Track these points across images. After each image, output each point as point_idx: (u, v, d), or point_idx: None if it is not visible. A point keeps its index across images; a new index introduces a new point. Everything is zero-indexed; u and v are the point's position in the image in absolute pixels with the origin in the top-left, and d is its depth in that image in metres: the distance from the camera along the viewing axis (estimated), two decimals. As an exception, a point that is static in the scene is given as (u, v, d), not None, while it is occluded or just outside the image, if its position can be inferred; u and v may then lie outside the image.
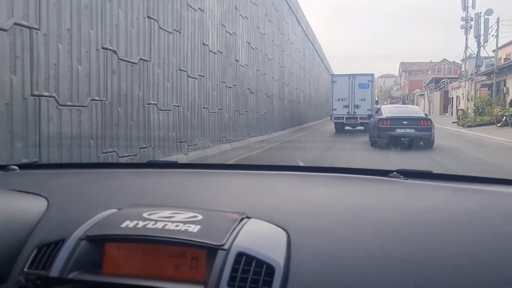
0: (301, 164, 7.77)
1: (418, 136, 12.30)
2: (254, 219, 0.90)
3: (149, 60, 7.56)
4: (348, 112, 21.80)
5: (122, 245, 0.82)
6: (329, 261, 0.78)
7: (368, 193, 1.14)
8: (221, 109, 11.62)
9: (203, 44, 10.26)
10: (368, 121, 20.13)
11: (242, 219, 0.88)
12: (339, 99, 21.90)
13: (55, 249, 0.83)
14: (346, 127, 22.36)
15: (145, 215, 0.87)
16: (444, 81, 47.06)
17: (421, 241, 0.83)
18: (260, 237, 0.83)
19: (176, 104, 8.76)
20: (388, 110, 13.92)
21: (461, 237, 0.84)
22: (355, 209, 0.99)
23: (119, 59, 6.61)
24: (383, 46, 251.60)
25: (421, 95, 62.07)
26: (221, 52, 11.60)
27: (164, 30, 8.15)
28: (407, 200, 1.07)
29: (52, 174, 1.51)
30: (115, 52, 6.48)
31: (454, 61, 69.25)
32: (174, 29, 8.60)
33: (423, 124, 12.38)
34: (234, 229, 0.83)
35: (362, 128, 20.82)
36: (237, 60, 13.11)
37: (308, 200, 1.09)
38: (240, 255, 0.76)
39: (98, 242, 0.83)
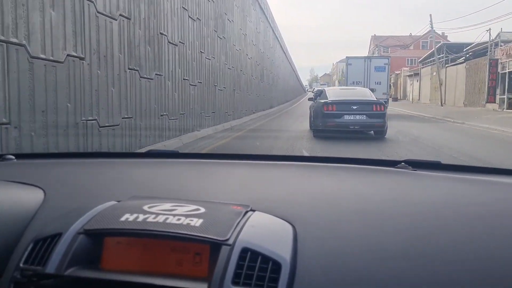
0: (306, 154, 7.66)
1: (370, 124, 10.49)
2: (258, 212, 0.88)
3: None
4: None
5: (121, 240, 0.80)
6: (337, 257, 0.77)
7: (376, 185, 1.13)
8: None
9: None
10: None
11: (246, 212, 0.86)
12: (354, 82, 21.11)
13: (52, 243, 0.81)
14: None
15: (145, 207, 0.86)
16: (483, 45, 26.49)
17: (433, 236, 0.81)
18: (266, 232, 0.81)
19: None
20: (333, 93, 11.76)
21: (474, 231, 0.83)
22: (363, 202, 0.97)
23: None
24: (346, 31, 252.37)
25: (414, 75, 42.47)
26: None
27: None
28: (417, 192, 1.06)
29: (49, 164, 1.47)
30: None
31: (443, 33, 54.93)
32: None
33: (376, 109, 10.45)
34: (239, 223, 0.81)
35: None
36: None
37: (315, 192, 1.07)
38: (245, 250, 0.75)
39: (96, 236, 0.81)
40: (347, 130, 10.35)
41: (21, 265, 0.80)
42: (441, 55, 34.10)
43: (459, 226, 0.85)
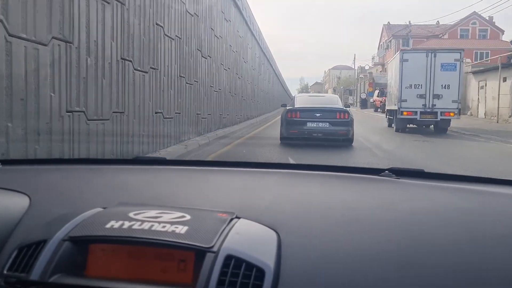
0: (291, 161, 7.64)
1: (333, 132, 10.10)
2: (243, 220, 0.88)
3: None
4: (424, 105, 14.80)
5: (106, 247, 0.79)
6: (320, 264, 0.77)
7: (360, 192, 1.13)
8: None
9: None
10: (449, 117, 14.89)
11: (231, 219, 0.86)
12: (410, 86, 14.99)
13: (37, 250, 0.80)
14: (410, 124, 15.56)
15: (131, 215, 0.85)
16: None
17: (415, 243, 0.82)
18: (250, 239, 0.81)
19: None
20: (301, 100, 11.58)
21: (456, 238, 0.84)
22: (347, 209, 0.98)
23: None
24: (339, 41, 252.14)
25: (502, 67, 20.24)
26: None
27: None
28: (400, 200, 1.07)
29: (35, 170, 1.45)
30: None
31: (491, 17, 41.41)
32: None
33: (339, 117, 10.19)
34: (223, 230, 0.81)
35: (431, 127, 15.81)
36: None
37: (299, 199, 1.07)
38: (229, 257, 0.75)
39: (81, 243, 0.80)
40: (315, 137, 10.06)
41: (5, 272, 0.79)
42: None
43: (442, 233, 0.87)
